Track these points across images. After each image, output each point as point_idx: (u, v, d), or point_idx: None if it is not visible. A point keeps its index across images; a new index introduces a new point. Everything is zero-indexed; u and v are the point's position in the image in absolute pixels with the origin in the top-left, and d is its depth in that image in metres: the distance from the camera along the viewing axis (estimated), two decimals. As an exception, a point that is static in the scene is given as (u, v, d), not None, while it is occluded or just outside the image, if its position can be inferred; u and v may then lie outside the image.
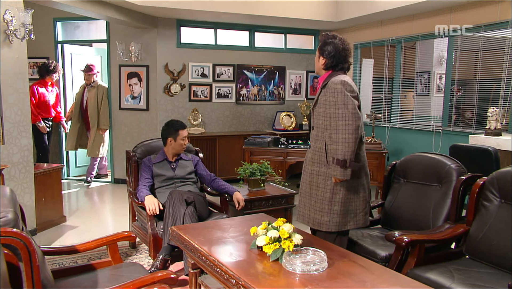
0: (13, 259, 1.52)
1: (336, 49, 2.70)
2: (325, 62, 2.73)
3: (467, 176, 2.82)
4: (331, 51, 2.70)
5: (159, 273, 2.05)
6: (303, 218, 2.80)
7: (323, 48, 2.74)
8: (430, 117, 6.03)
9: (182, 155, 3.78)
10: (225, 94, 6.92)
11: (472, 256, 2.60)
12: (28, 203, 4.11)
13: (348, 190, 2.65)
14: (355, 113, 2.53)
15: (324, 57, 2.73)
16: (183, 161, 3.77)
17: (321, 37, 2.83)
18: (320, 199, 2.70)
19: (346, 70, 2.77)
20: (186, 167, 3.76)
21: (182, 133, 3.67)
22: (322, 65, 2.75)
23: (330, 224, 2.67)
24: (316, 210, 2.72)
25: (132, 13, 5.71)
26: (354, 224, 2.71)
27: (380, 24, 6.39)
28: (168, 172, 3.67)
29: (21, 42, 3.96)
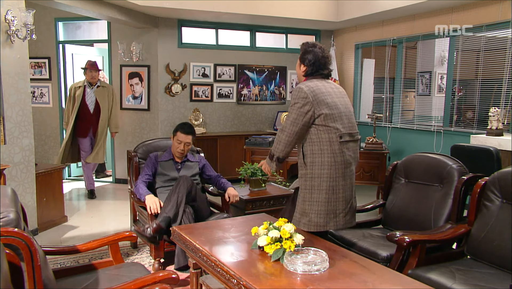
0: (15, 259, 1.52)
1: (315, 57, 2.76)
2: (305, 70, 2.81)
3: (468, 176, 2.82)
4: (311, 59, 2.77)
5: (160, 273, 2.06)
6: (292, 219, 2.79)
7: (303, 56, 2.81)
8: (432, 118, 6.03)
9: (189, 156, 3.74)
10: (226, 94, 6.92)
11: (474, 256, 2.60)
12: (29, 203, 4.12)
13: (327, 191, 2.66)
14: (295, 119, 2.65)
15: (304, 65, 2.81)
16: (189, 162, 3.74)
17: (302, 46, 2.88)
18: (302, 199, 2.74)
19: (325, 77, 2.84)
20: (191, 168, 3.73)
21: (178, 136, 3.61)
22: (302, 72, 2.83)
23: (310, 224, 2.69)
24: (297, 210, 2.77)
25: (133, 13, 5.72)
26: (334, 225, 2.71)
27: (381, 24, 6.38)
28: (172, 172, 3.64)
29: (22, 42, 3.96)
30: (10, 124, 3.92)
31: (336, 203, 2.69)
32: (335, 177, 2.66)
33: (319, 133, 2.65)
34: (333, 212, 2.69)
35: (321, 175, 2.65)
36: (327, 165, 2.64)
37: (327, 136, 2.64)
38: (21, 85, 4.02)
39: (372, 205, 3.44)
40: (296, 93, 2.68)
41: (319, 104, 2.63)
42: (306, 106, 2.62)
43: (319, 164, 2.66)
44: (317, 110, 2.63)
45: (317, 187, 2.67)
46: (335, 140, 2.64)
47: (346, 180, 2.71)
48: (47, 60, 6.59)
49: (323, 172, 2.65)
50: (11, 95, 3.91)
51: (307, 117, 2.63)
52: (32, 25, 3.90)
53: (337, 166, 2.65)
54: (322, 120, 2.64)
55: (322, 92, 2.67)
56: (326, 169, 2.64)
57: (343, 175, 2.69)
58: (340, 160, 2.66)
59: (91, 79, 5.64)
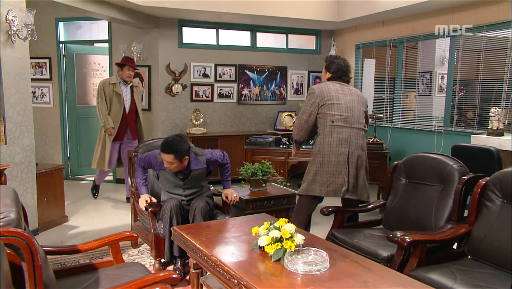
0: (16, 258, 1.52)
1: (339, 66, 3.53)
2: (331, 76, 3.55)
3: (469, 176, 2.82)
4: (337, 69, 3.52)
5: (161, 273, 2.06)
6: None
7: (328, 66, 3.58)
8: (432, 118, 6.02)
9: (192, 164, 3.34)
10: (227, 94, 6.92)
11: (475, 257, 2.60)
12: (30, 203, 4.12)
13: (317, 164, 3.36)
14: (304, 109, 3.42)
15: (330, 72, 3.56)
16: (194, 172, 3.36)
17: (327, 58, 3.70)
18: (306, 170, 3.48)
19: (345, 82, 3.55)
20: (198, 177, 3.42)
21: (162, 156, 3.23)
22: (327, 78, 3.58)
23: (302, 188, 3.44)
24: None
25: (134, 13, 5.72)
26: (318, 192, 3.35)
27: (382, 24, 6.38)
28: (175, 179, 3.38)
29: (23, 43, 3.97)
30: (11, 124, 3.92)
31: (322, 175, 3.32)
32: (324, 153, 3.32)
33: (319, 120, 3.38)
34: (320, 182, 3.33)
35: (315, 152, 3.38)
36: (319, 144, 3.35)
37: (323, 121, 3.35)
38: (22, 85, 4.02)
39: (372, 205, 3.44)
40: (309, 91, 3.47)
41: (323, 98, 3.35)
42: (312, 99, 3.37)
43: (317, 144, 3.39)
44: (320, 102, 3.35)
45: (312, 161, 3.40)
46: (328, 124, 3.32)
47: (339, 157, 3.28)
48: (47, 60, 6.59)
49: (315, 149, 3.39)
50: (12, 95, 3.91)
51: (313, 107, 3.37)
52: (33, 25, 3.90)
53: (325, 145, 3.31)
54: (322, 110, 3.35)
55: (329, 89, 3.39)
56: (318, 148, 3.37)
57: (337, 154, 3.29)
58: (328, 140, 3.31)
59: (126, 77, 5.26)
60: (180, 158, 3.18)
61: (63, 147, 6.78)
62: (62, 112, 6.70)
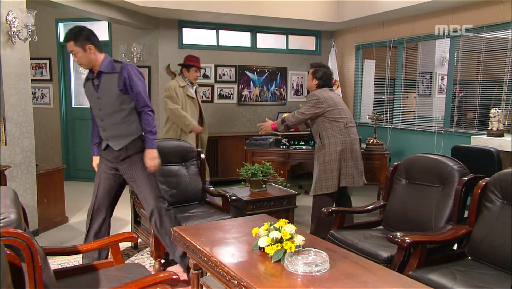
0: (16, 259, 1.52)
1: (324, 74, 4.12)
2: (318, 83, 4.13)
3: (469, 177, 2.81)
4: (322, 76, 4.11)
5: (161, 274, 2.05)
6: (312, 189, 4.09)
7: (315, 73, 4.14)
8: (432, 118, 6.03)
9: (104, 66, 2.98)
10: (227, 95, 6.92)
11: (475, 257, 2.59)
12: (30, 204, 4.12)
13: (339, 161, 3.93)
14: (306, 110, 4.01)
15: (317, 79, 4.13)
16: (105, 74, 2.99)
17: (312, 64, 4.24)
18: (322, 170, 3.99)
19: (330, 86, 4.17)
20: (110, 85, 2.99)
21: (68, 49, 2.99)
22: (315, 84, 4.14)
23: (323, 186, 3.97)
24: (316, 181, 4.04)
25: (134, 14, 5.72)
26: (345, 183, 3.97)
27: (382, 25, 6.39)
28: (91, 91, 3.06)
29: (23, 43, 3.97)
30: (11, 125, 3.92)
31: (345, 168, 3.95)
32: (344, 150, 3.94)
33: (331, 124, 3.96)
34: (345, 175, 3.95)
35: (336, 150, 3.93)
36: (339, 144, 3.94)
37: (336, 124, 3.97)
38: (22, 86, 4.03)
39: (372, 206, 3.43)
40: (313, 97, 4.00)
41: (329, 104, 3.97)
42: (318, 104, 3.96)
43: (334, 144, 3.94)
44: (327, 107, 3.96)
45: (332, 159, 3.93)
46: (342, 127, 3.97)
47: (353, 153, 3.99)
48: (48, 61, 6.60)
49: (336, 149, 3.93)
50: (12, 96, 3.91)
51: (316, 112, 3.97)
52: (33, 26, 3.91)
53: (346, 145, 3.95)
54: (329, 114, 3.95)
55: (330, 97, 4.02)
56: (338, 146, 3.94)
57: (351, 150, 3.97)
58: (349, 140, 3.97)
59: (193, 78, 4.90)
60: (82, 45, 2.90)
61: (63, 148, 6.78)
62: (62, 113, 6.70)
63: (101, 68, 2.98)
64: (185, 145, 4.03)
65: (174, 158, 3.91)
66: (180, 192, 3.84)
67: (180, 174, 3.89)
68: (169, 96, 4.72)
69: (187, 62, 4.86)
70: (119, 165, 3.13)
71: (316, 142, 4.13)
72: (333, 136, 3.94)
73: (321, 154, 3.98)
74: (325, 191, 3.93)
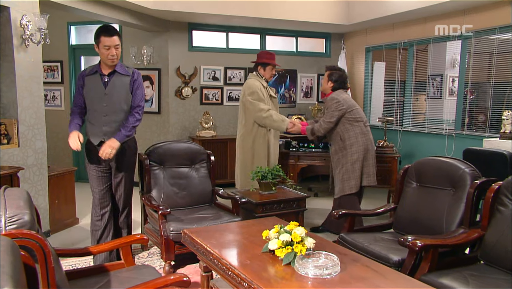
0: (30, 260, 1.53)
1: (339, 76, 4.20)
2: (333, 86, 4.21)
3: (481, 180, 2.79)
4: (337, 79, 4.19)
5: (172, 276, 2.06)
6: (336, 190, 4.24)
7: (330, 76, 4.22)
8: (443, 121, 5.98)
9: (119, 67, 3.28)
10: (237, 97, 6.93)
11: (488, 262, 2.56)
12: (42, 205, 4.16)
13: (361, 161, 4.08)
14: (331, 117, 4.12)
15: (332, 82, 4.21)
16: (119, 75, 3.29)
17: (327, 68, 4.34)
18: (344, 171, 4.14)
19: (346, 89, 4.28)
20: (121, 84, 3.28)
21: (103, 41, 3.17)
22: (330, 87, 4.23)
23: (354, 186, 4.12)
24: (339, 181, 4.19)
25: (145, 17, 5.77)
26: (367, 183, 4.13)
27: (392, 27, 6.36)
28: (98, 87, 3.24)
29: (36, 47, 4.02)
30: (24, 127, 3.97)
31: (367, 167, 4.09)
32: (367, 150, 4.08)
33: (352, 124, 4.07)
34: (366, 174, 4.10)
35: (358, 150, 4.05)
36: (362, 144, 4.06)
37: (358, 124, 4.08)
38: (35, 88, 4.07)
39: (383, 209, 3.42)
40: (333, 101, 4.09)
41: (349, 105, 4.08)
42: (339, 106, 4.05)
43: (356, 145, 4.05)
44: (347, 109, 4.06)
45: (356, 159, 4.04)
46: (363, 126, 4.10)
47: (372, 151, 4.15)
48: (59, 63, 6.68)
49: (359, 149, 4.05)
50: (25, 99, 3.96)
51: (339, 115, 4.08)
52: (46, 29, 3.95)
53: (368, 143, 4.10)
54: (350, 115, 4.06)
55: (347, 97, 4.15)
56: (361, 146, 4.06)
57: (371, 148, 4.14)
58: (370, 138, 4.14)
59: (270, 78, 4.60)
60: (120, 41, 3.27)
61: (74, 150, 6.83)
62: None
63: (116, 68, 3.29)
64: (194, 147, 4.04)
65: (183, 160, 3.92)
66: (189, 194, 3.85)
67: (190, 176, 3.90)
68: (258, 98, 4.33)
69: (264, 60, 4.46)
70: (112, 159, 3.31)
71: (332, 144, 4.21)
72: (355, 137, 4.05)
73: (344, 154, 4.08)
74: (348, 192, 4.06)
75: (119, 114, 3.29)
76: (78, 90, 3.34)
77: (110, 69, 3.28)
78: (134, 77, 3.33)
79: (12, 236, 1.57)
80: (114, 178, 3.46)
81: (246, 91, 4.39)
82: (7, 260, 1.22)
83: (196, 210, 3.77)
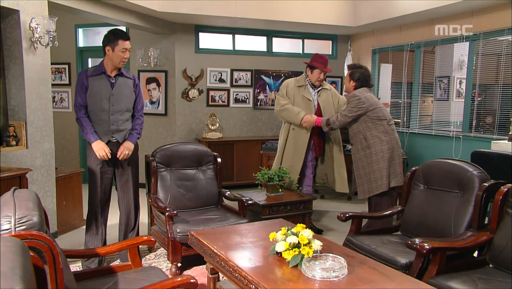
0: (39, 261, 1.54)
1: (361, 75, 4.04)
2: (355, 85, 4.05)
3: (490, 183, 2.77)
4: (359, 77, 4.04)
5: (179, 277, 2.07)
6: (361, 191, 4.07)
7: (352, 75, 4.08)
8: (450, 123, 5.94)
9: (123, 69, 3.50)
10: (243, 99, 6.94)
11: (497, 265, 2.54)
12: (49, 206, 4.19)
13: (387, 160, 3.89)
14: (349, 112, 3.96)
15: (354, 81, 4.06)
16: (123, 77, 3.49)
17: (349, 66, 4.20)
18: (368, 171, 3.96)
19: (369, 87, 4.10)
20: (126, 86, 3.50)
21: (122, 44, 3.35)
22: (352, 86, 4.08)
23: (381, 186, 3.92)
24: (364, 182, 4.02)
25: (151, 19, 5.79)
26: (395, 183, 3.93)
27: (399, 29, 6.34)
28: (105, 88, 3.39)
29: (45, 49, 4.05)
30: (32, 129, 4.00)
31: (394, 167, 3.92)
32: (392, 149, 3.91)
33: (375, 123, 3.92)
34: (393, 174, 3.92)
35: (383, 150, 3.89)
36: (385, 143, 3.90)
37: (381, 123, 3.92)
38: (43, 90, 4.10)
39: (390, 211, 3.40)
40: (354, 98, 3.94)
41: (371, 103, 3.92)
42: (360, 104, 3.90)
43: (380, 144, 3.89)
44: (369, 107, 3.90)
45: (381, 158, 3.88)
46: (386, 125, 3.94)
47: (398, 150, 3.97)
48: (67, 66, 6.72)
49: (383, 148, 3.89)
50: (33, 101, 3.99)
51: (361, 111, 3.91)
52: (54, 32, 3.98)
53: (393, 142, 3.93)
54: (372, 113, 3.90)
55: (371, 97, 3.98)
56: (385, 145, 3.89)
57: (397, 147, 3.96)
58: (395, 136, 3.97)
59: (318, 81, 4.41)
60: None
61: (81, 151, 6.89)
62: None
63: (122, 70, 3.48)
64: (201, 148, 4.05)
65: (190, 162, 3.93)
66: (196, 196, 3.86)
67: (197, 177, 3.91)
68: (280, 93, 4.55)
69: (311, 62, 4.39)
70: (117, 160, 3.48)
71: (354, 144, 4.05)
72: (378, 136, 3.90)
73: (367, 154, 3.94)
74: (376, 192, 3.91)
75: (125, 114, 3.50)
76: (82, 91, 3.40)
77: (115, 71, 3.45)
78: (136, 81, 3.60)
79: (21, 237, 1.58)
80: (120, 177, 3.60)
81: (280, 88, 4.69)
82: (18, 261, 1.23)
83: (203, 211, 3.78)
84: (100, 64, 3.44)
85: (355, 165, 4.07)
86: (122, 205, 3.67)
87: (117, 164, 3.54)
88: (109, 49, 3.35)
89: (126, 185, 3.62)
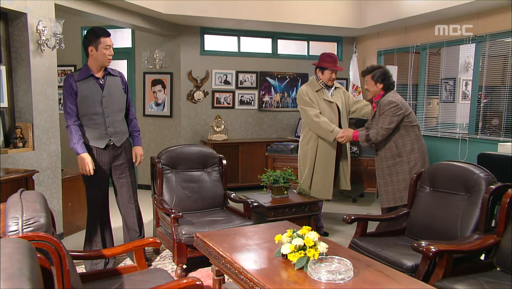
0: (46, 263, 1.55)
1: (382, 74, 3.74)
2: (383, 86, 3.76)
3: (497, 185, 2.75)
4: (384, 77, 3.74)
5: (185, 279, 2.07)
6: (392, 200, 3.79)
7: (375, 77, 3.76)
8: (456, 125, 5.91)
9: (109, 69, 3.41)
10: (248, 101, 6.95)
11: (504, 268, 2.52)
12: (56, 208, 4.21)
13: (420, 167, 3.61)
14: (391, 122, 3.67)
15: (380, 83, 3.76)
16: (111, 76, 3.41)
17: (364, 71, 3.88)
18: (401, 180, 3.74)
19: (394, 86, 3.82)
20: (116, 84, 3.42)
21: (105, 41, 3.27)
22: (380, 88, 3.78)
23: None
24: (395, 191, 3.78)
25: (157, 21, 5.82)
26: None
27: (404, 31, 6.32)
28: (96, 91, 3.30)
29: (51, 51, 4.08)
30: (39, 131, 4.03)
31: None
32: (424, 156, 3.75)
33: (407, 129, 3.71)
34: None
35: (416, 158, 3.71)
36: (417, 150, 3.72)
37: (413, 130, 3.73)
38: (49, 92, 4.13)
39: (396, 214, 3.38)
40: (390, 104, 3.64)
41: (407, 108, 3.70)
42: (399, 111, 3.63)
43: (413, 152, 3.71)
44: (405, 112, 3.67)
45: (413, 166, 3.67)
46: (417, 131, 3.76)
47: (426, 156, 3.79)
48: (72, 68, 6.76)
49: (416, 156, 3.71)
50: (40, 103, 4.02)
51: (399, 119, 3.66)
52: (61, 34, 4.01)
53: (423, 148, 3.77)
54: (408, 118, 3.68)
55: (405, 101, 3.75)
56: (417, 152, 3.72)
57: (426, 154, 3.79)
58: (424, 144, 3.80)
59: (330, 81, 4.29)
60: None
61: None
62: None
63: (108, 69, 3.40)
64: (206, 150, 4.06)
65: (196, 164, 3.94)
66: (201, 198, 3.87)
67: (202, 179, 3.92)
68: (304, 103, 4.24)
69: (321, 63, 4.25)
70: (116, 161, 3.47)
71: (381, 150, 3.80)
72: (411, 144, 3.69)
73: (398, 162, 3.71)
74: (399, 203, 3.65)
75: (119, 114, 3.44)
76: (71, 96, 3.29)
77: (102, 72, 3.37)
78: (124, 79, 3.53)
79: (29, 238, 1.59)
80: (118, 180, 3.56)
81: (298, 99, 4.38)
82: (26, 263, 1.24)
83: (208, 213, 3.78)
84: (85, 66, 3.32)
85: (380, 172, 3.81)
86: (122, 207, 3.65)
87: (113, 167, 3.49)
88: (92, 49, 3.25)
89: (122, 187, 3.57)
